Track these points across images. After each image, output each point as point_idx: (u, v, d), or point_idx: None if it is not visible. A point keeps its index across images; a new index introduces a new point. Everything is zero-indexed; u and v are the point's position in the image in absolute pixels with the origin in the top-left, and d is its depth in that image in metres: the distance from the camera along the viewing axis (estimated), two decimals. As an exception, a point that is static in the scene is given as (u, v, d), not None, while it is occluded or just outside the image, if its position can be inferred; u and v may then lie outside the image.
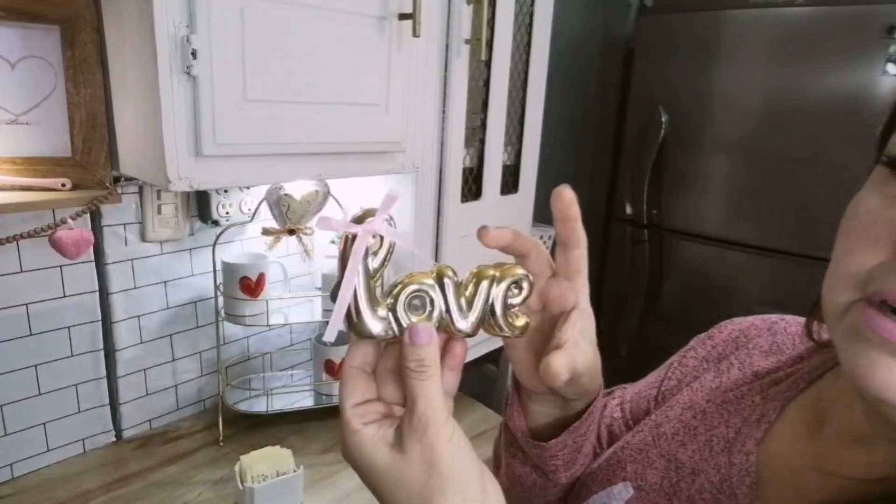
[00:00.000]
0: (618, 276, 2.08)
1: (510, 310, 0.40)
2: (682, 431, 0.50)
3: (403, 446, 0.35)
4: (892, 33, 1.45)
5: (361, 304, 0.37)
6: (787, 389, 0.46)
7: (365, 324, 0.37)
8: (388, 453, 0.36)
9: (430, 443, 0.35)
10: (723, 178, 1.81)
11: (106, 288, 1.07)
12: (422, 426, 0.35)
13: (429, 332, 0.37)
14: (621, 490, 0.49)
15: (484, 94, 1.20)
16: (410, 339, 0.36)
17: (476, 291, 0.40)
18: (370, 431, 0.37)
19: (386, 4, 0.91)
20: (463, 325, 0.39)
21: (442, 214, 1.17)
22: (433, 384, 0.36)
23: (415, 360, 0.36)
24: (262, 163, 0.86)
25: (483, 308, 0.40)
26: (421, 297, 0.38)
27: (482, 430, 1.27)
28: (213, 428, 1.19)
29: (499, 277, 0.40)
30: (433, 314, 0.39)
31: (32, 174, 0.85)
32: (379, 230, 0.38)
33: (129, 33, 0.79)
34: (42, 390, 1.03)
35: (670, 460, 0.48)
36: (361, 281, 0.37)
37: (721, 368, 0.53)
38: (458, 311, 0.39)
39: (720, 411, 0.49)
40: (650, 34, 1.93)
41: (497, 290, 0.40)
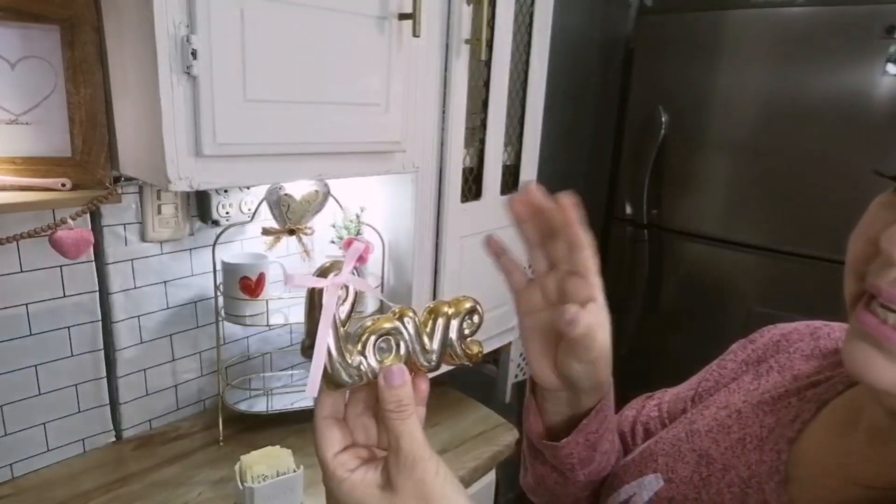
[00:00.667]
0: (618, 276, 2.08)
1: (465, 339, 0.43)
2: (715, 429, 0.51)
3: (394, 485, 0.37)
4: (892, 33, 1.45)
5: (335, 355, 0.38)
6: (825, 392, 0.47)
7: (340, 373, 0.38)
8: (381, 495, 0.37)
9: (419, 478, 0.36)
10: (723, 178, 1.81)
11: (106, 288, 1.07)
12: (410, 463, 0.37)
13: (402, 373, 0.38)
14: (652, 481, 0.51)
15: (484, 94, 1.20)
16: (387, 381, 0.38)
17: (434, 327, 0.42)
18: (358, 477, 0.38)
19: (386, 4, 0.91)
20: (426, 360, 0.42)
21: (442, 214, 1.17)
22: (413, 421, 0.38)
23: (393, 401, 0.38)
24: (262, 163, 0.86)
25: (442, 342, 0.42)
26: (387, 340, 0.40)
27: (482, 429, 1.27)
28: (213, 428, 1.19)
29: (453, 313, 0.43)
30: (400, 354, 0.41)
31: (32, 174, 0.85)
32: (347, 281, 0.40)
33: (129, 33, 0.79)
34: (42, 390, 1.03)
35: (702, 455, 0.49)
36: (332, 332, 0.38)
37: (760, 371, 0.54)
38: (421, 348, 0.41)
39: (755, 411, 0.50)
40: (650, 34, 1.93)
41: (453, 323, 0.43)
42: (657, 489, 0.50)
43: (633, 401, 0.68)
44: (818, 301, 1.63)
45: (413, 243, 1.16)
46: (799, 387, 0.50)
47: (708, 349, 0.65)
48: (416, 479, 0.37)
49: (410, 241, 1.16)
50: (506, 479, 1.34)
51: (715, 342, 0.65)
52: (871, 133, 1.49)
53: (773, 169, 1.69)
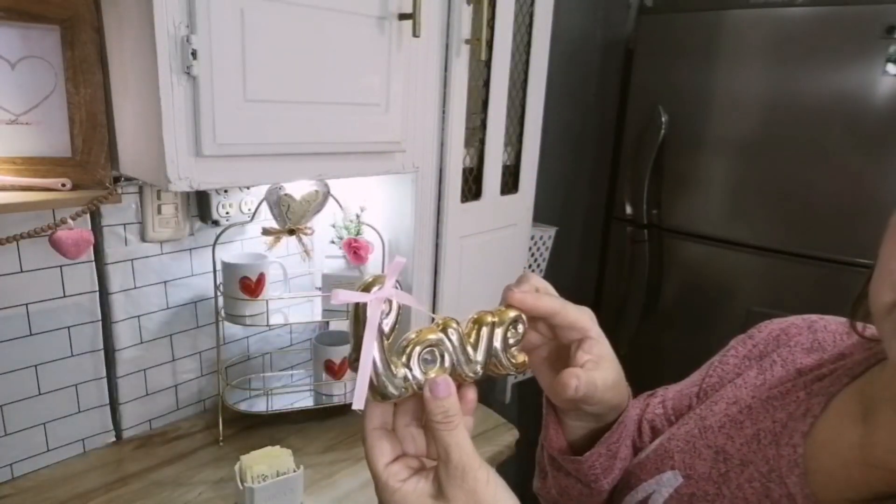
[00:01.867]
0: (618, 276, 2.08)
1: (510, 349, 0.44)
2: (728, 425, 0.51)
3: (446, 495, 0.38)
4: (892, 33, 1.45)
5: (381, 368, 0.39)
6: (831, 385, 0.48)
7: (386, 385, 0.39)
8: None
9: (471, 488, 0.37)
10: (723, 178, 1.81)
11: (106, 288, 1.07)
12: (460, 473, 0.37)
13: (447, 384, 0.39)
14: (671, 478, 0.51)
15: (484, 94, 1.20)
16: (432, 393, 0.39)
17: (479, 337, 0.43)
18: (410, 487, 0.39)
19: (386, 4, 0.91)
20: (471, 371, 0.42)
21: (442, 214, 1.17)
22: (461, 432, 0.38)
23: (440, 412, 0.38)
24: (262, 163, 0.86)
25: (487, 352, 0.43)
26: (432, 352, 0.41)
27: (482, 430, 1.27)
28: (213, 428, 1.19)
29: (497, 322, 0.43)
30: (444, 365, 0.41)
31: (32, 174, 0.85)
32: (390, 296, 0.40)
33: (129, 33, 0.79)
34: (42, 390, 1.03)
35: (718, 452, 0.50)
36: (377, 345, 0.39)
37: (764, 366, 0.55)
38: (466, 358, 0.42)
39: (765, 406, 0.50)
40: (650, 34, 1.93)
41: (497, 332, 0.43)
42: (677, 486, 0.50)
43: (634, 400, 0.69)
44: (818, 301, 1.63)
45: (413, 243, 1.16)
46: (805, 381, 0.50)
47: (707, 349, 0.65)
48: (468, 489, 0.37)
49: (410, 241, 1.16)
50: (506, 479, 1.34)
51: (714, 342, 0.65)
52: (871, 133, 1.49)
53: (773, 169, 1.69)
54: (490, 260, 1.32)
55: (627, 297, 2.03)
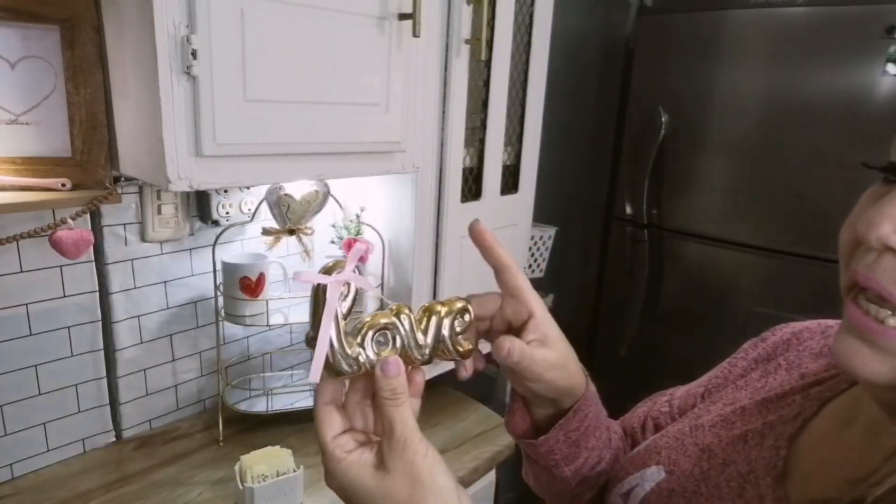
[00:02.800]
0: (618, 276, 2.08)
1: (457, 337, 0.47)
2: (719, 424, 0.52)
3: (386, 466, 0.40)
4: (892, 33, 1.45)
5: (336, 346, 0.42)
6: (828, 389, 0.48)
7: (341, 363, 0.42)
8: (374, 474, 0.41)
9: (410, 459, 0.40)
10: (723, 178, 1.81)
11: (106, 288, 1.07)
12: (401, 446, 0.40)
13: (398, 364, 0.42)
14: (654, 472, 0.52)
15: (484, 94, 1.20)
16: (383, 371, 0.42)
17: (428, 324, 0.46)
18: (354, 458, 0.41)
19: (386, 4, 0.91)
20: (420, 354, 0.45)
21: (442, 214, 1.17)
22: (406, 409, 0.41)
23: (388, 389, 0.41)
24: (262, 163, 0.86)
25: (435, 338, 0.46)
26: (385, 334, 0.44)
27: (482, 430, 1.27)
28: (213, 428, 1.19)
29: (447, 311, 0.46)
30: (396, 347, 0.44)
31: (32, 174, 0.85)
32: (349, 279, 0.43)
33: (129, 33, 0.79)
34: (42, 390, 1.03)
35: (704, 450, 0.50)
36: (334, 325, 0.42)
37: (768, 369, 0.55)
38: (416, 342, 0.45)
39: (759, 408, 0.51)
40: (650, 34, 1.93)
41: (445, 321, 0.46)
42: (658, 480, 0.51)
43: (647, 398, 0.69)
44: (818, 301, 1.63)
45: (413, 243, 1.16)
46: (804, 384, 0.50)
47: (708, 349, 0.65)
48: (407, 461, 0.40)
49: (410, 241, 1.16)
50: (506, 479, 1.34)
51: (715, 342, 0.65)
52: (871, 133, 1.49)
53: (772, 169, 1.69)
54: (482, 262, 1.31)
55: (627, 297, 2.03)
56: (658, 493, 0.50)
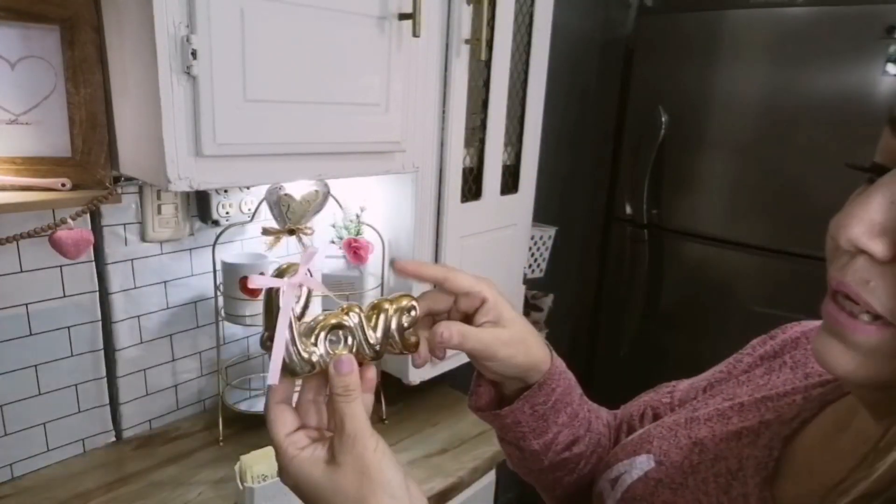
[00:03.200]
0: (618, 276, 2.08)
1: (404, 332, 0.49)
2: (715, 417, 0.51)
3: (337, 460, 0.42)
4: (892, 33, 1.45)
5: (292, 348, 0.43)
6: (830, 392, 0.47)
7: (297, 363, 0.44)
8: (325, 468, 0.42)
9: (359, 453, 0.41)
10: (723, 178, 1.81)
11: (106, 288, 1.07)
12: (351, 440, 0.41)
13: (350, 361, 0.44)
14: (644, 461, 0.52)
15: (484, 94, 1.20)
16: (336, 369, 0.43)
17: (377, 321, 0.48)
18: (306, 454, 0.43)
19: (386, 4, 0.91)
20: (371, 350, 0.47)
21: (442, 214, 1.17)
22: (357, 404, 0.43)
23: (341, 386, 0.43)
24: (262, 163, 0.86)
25: (384, 334, 0.48)
26: (337, 333, 0.46)
27: (481, 430, 1.27)
28: (213, 428, 1.19)
29: (394, 308, 0.48)
30: (348, 344, 0.46)
31: (32, 174, 0.85)
32: (303, 282, 0.45)
33: (129, 33, 0.79)
34: (42, 390, 1.03)
35: (696, 443, 0.50)
36: (289, 327, 0.43)
37: (773, 366, 0.54)
38: (366, 339, 0.47)
39: (757, 405, 0.50)
40: (650, 34, 1.93)
41: (393, 317, 0.48)
42: (647, 469, 0.51)
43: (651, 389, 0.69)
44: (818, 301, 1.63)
45: (413, 243, 1.16)
46: (807, 385, 0.49)
47: (708, 349, 0.65)
48: (356, 455, 0.41)
49: (410, 241, 1.16)
50: (506, 479, 1.34)
51: (715, 342, 0.65)
52: (870, 133, 1.49)
53: (773, 169, 1.69)
54: (490, 260, 1.32)
55: (627, 297, 2.03)
56: (645, 482, 0.50)
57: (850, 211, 0.34)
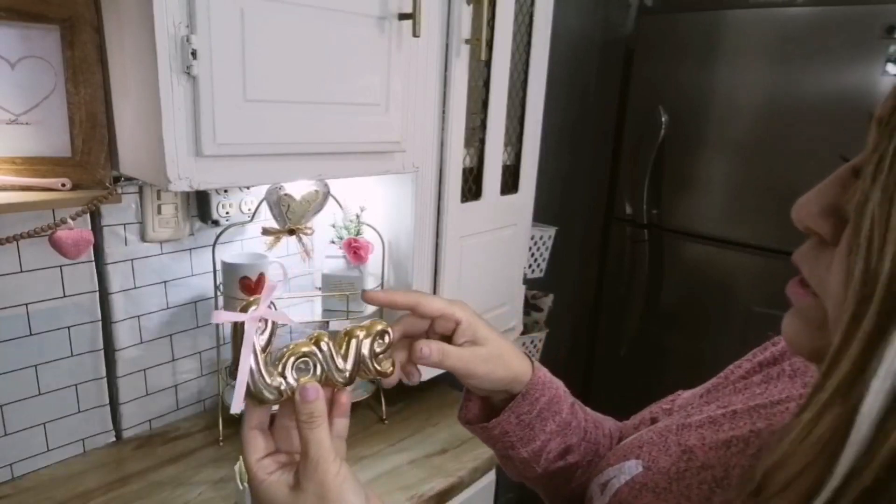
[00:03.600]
0: (618, 276, 2.08)
1: (377, 357, 0.50)
2: (706, 425, 0.50)
3: (300, 485, 0.43)
4: (892, 33, 1.45)
5: (256, 377, 0.45)
6: None
7: (262, 391, 0.45)
8: (289, 493, 0.44)
9: (320, 479, 0.43)
10: (723, 178, 1.81)
11: (106, 288, 1.07)
12: (312, 466, 0.43)
13: (315, 390, 0.45)
14: (632, 466, 0.52)
15: (484, 94, 1.20)
16: (301, 397, 0.45)
17: (348, 348, 0.49)
18: (274, 478, 0.45)
19: (386, 4, 0.91)
20: (341, 377, 0.48)
21: (442, 214, 1.17)
22: (322, 431, 0.44)
23: (306, 413, 0.44)
24: (262, 163, 0.86)
25: (355, 360, 0.49)
26: (305, 361, 0.47)
27: (482, 430, 1.27)
28: (213, 428, 1.19)
29: (365, 334, 0.50)
30: (317, 373, 0.47)
31: (32, 174, 0.85)
32: (264, 315, 0.46)
33: (129, 33, 0.79)
34: (42, 390, 1.03)
35: (685, 450, 0.49)
36: (253, 358, 0.45)
37: (771, 374, 0.53)
38: (336, 366, 0.48)
39: (750, 414, 0.49)
40: (650, 34, 1.93)
41: (365, 343, 0.49)
42: (634, 475, 0.51)
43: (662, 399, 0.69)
44: (818, 301, 1.63)
45: (413, 243, 1.16)
46: (802, 393, 0.47)
47: (708, 349, 0.65)
48: (317, 480, 0.43)
49: (410, 241, 1.16)
50: (506, 480, 1.34)
51: (715, 342, 0.65)
52: (871, 133, 1.49)
53: (773, 169, 1.69)
54: (490, 260, 1.32)
55: (627, 297, 2.03)
56: (631, 487, 0.50)
57: (808, 194, 0.35)
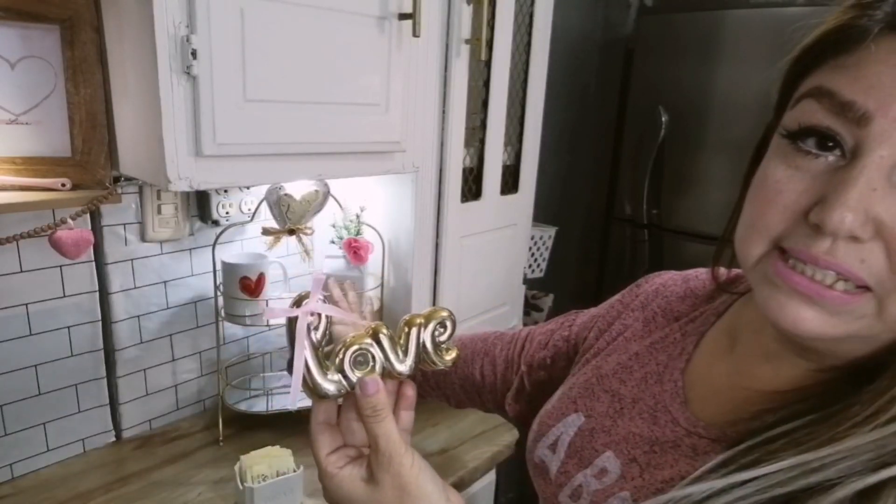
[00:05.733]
0: (618, 277, 2.08)
1: (440, 346, 0.48)
2: (620, 371, 0.58)
3: (375, 478, 0.44)
4: (892, 33, 1.45)
5: (313, 372, 0.45)
6: (701, 325, 0.56)
7: (319, 386, 0.45)
8: (365, 487, 0.44)
9: (396, 471, 0.43)
10: (723, 178, 1.81)
11: (106, 288, 1.07)
12: (386, 459, 0.43)
13: (375, 383, 0.45)
14: (574, 419, 0.57)
15: (484, 94, 1.20)
16: (361, 391, 0.45)
17: (408, 338, 0.48)
18: (346, 472, 0.45)
19: (386, 4, 0.91)
20: (402, 369, 0.47)
21: (442, 214, 1.17)
22: (389, 423, 0.44)
23: (369, 408, 0.44)
24: (262, 163, 0.86)
25: (416, 351, 0.48)
26: (363, 354, 0.46)
27: (482, 430, 1.27)
28: (213, 428, 1.19)
29: (425, 322, 0.48)
30: (376, 366, 0.46)
31: (32, 174, 0.85)
32: (316, 309, 0.46)
33: (129, 33, 0.79)
34: (42, 390, 1.03)
35: (613, 395, 0.56)
36: (309, 353, 0.45)
37: (647, 316, 0.62)
38: (396, 358, 0.47)
39: (649, 351, 0.57)
40: (650, 34, 1.93)
41: (425, 332, 0.48)
42: (580, 424, 0.56)
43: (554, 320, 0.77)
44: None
45: (413, 243, 1.16)
46: (680, 324, 0.57)
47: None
48: (394, 473, 0.43)
49: (410, 242, 1.16)
50: (506, 480, 1.34)
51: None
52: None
53: (773, 169, 1.69)
54: (490, 260, 1.32)
55: (627, 297, 2.03)
56: (581, 435, 0.55)
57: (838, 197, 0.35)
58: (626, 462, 0.51)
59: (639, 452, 0.50)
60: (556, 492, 0.55)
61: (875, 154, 0.34)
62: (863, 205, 0.34)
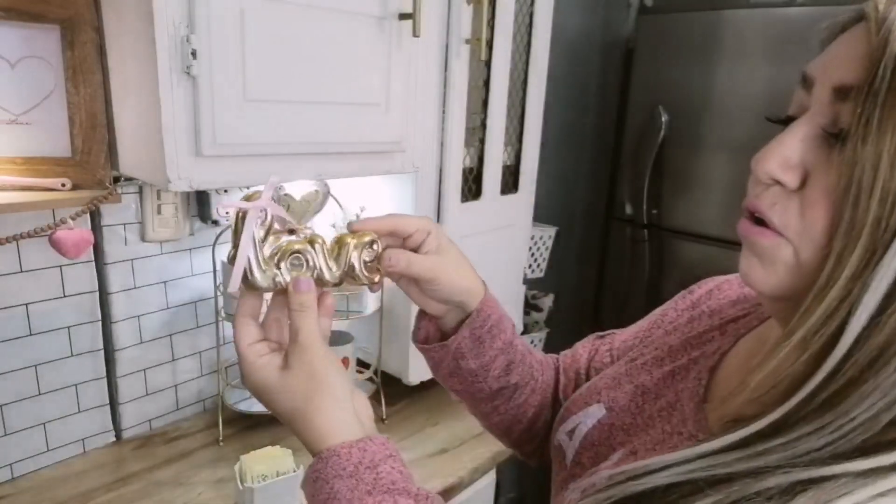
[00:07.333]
0: (618, 276, 2.08)
1: (366, 265, 0.53)
2: (650, 362, 0.58)
3: (289, 365, 0.48)
4: (892, 33, 1.45)
5: (254, 266, 0.49)
6: (742, 327, 0.55)
7: (257, 280, 0.49)
8: (278, 372, 0.48)
9: (308, 360, 0.47)
10: (723, 178, 1.80)
11: (106, 288, 1.07)
12: (301, 349, 0.47)
13: (308, 283, 0.49)
14: (595, 410, 0.57)
15: (484, 94, 1.20)
16: (294, 288, 0.49)
17: (339, 252, 0.52)
18: (265, 361, 0.49)
19: (386, 4, 0.91)
20: (330, 277, 0.52)
21: (442, 214, 1.17)
22: (311, 318, 0.48)
23: (297, 302, 0.48)
24: (262, 163, 0.86)
25: (345, 264, 0.52)
26: (299, 258, 0.51)
27: (481, 430, 1.26)
28: (213, 428, 1.19)
29: (356, 242, 0.53)
30: (309, 269, 0.51)
31: (32, 174, 0.85)
32: (264, 206, 0.49)
33: (129, 33, 0.79)
34: (42, 390, 1.03)
35: (638, 386, 0.56)
36: (252, 247, 0.49)
37: (694, 315, 0.61)
38: (327, 267, 0.52)
39: (685, 346, 0.57)
40: (650, 34, 1.93)
41: (355, 251, 0.53)
42: (600, 417, 0.56)
43: (585, 339, 0.76)
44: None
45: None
46: (721, 323, 0.57)
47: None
48: (306, 361, 0.47)
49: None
50: (506, 479, 1.34)
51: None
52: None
53: (773, 169, 1.69)
54: (490, 260, 1.32)
55: (628, 298, 2.03)
56: (599, 429, 0.56)
57: (768, 148, 0.40)
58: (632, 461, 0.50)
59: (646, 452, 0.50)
60: (568, 479, 0.55)
61: (810, 112, 0.39)
62: (787, 153, 0.39)
